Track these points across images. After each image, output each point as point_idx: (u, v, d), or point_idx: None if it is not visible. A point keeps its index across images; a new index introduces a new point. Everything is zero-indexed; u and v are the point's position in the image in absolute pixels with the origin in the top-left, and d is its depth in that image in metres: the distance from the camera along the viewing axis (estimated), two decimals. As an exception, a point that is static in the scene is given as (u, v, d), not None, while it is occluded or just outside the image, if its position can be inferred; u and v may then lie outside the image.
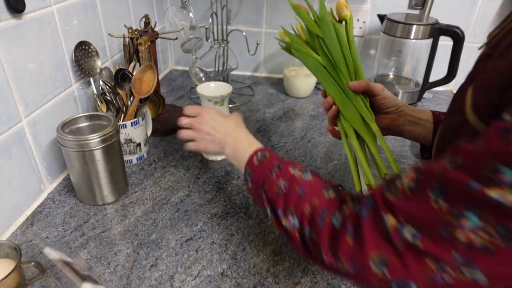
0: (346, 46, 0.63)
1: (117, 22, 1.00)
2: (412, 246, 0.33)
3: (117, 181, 0.76)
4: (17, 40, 0.66)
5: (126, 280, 0.60)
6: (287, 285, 0.60)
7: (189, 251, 0.66)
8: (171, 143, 0.96)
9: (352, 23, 0.65)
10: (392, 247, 0.35)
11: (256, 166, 0.55)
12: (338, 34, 0.63)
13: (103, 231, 0.69)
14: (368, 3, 1.23)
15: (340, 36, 0.63)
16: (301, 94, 1.24)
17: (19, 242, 0.66)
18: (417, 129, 0.67)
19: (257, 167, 0.55)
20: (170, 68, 1.45)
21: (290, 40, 0.68)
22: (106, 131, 0.70)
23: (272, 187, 0.51)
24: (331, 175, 0.86)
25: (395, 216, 0.35)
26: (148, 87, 0.86)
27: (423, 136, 0.67)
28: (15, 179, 0.69)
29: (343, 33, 0.63)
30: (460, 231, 0.31)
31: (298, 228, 0.46)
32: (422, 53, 1.17)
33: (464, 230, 0.30)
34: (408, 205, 0.35)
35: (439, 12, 1.18)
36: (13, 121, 0.67)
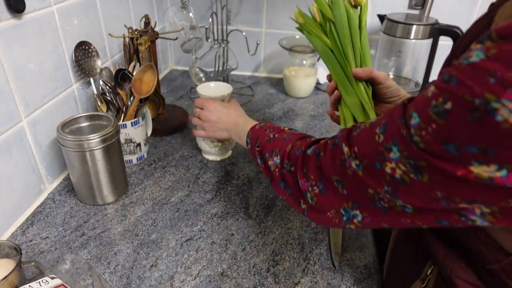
0: (356, 32, 0.62)
1: (117, 22, 1.00)
2: (356, 175, 0.40)
3: (117, 181, 0.76)
4: (17, 40, 0.66)
5: (126, 280, 0.60)
6: (287, 285, 0.60)
7: (189, 251, 0.66)
8: (171, 143, 0.96)
9: (367, 10, 0.64)
10: (345, 171, 0.41)
11: (256, 129, 0.65)
12: (350, 19, 0.62)
13: (103, 231, 0.69)
14: (368, 3, 1.23)
15: (351, 22, 0.62)
16: (301, 94, 1.24)
17: (19, 242, 0.66)
18: None
19: (257, 130, 0.64)
20: (170, 68, 1.45)
21: (303, 21, 0.68)
22: (106, 131, 0.70)
23: (264, 138, 0.60)
24: (331, 175, 0.86)
25: (350, 148, 0.41)
26: (148, 87, 0.86)
27: None
28: (15, 179, 0.69)
29: (356, 19, 0.62)
30: (388, 163, 0.35)
31: (279, 165, 0.53)
32: (422, 53, 1.17)
33: (391, 162, 0.35)
34: (361, 139, 0.40)
35: (439, 12, 1.18)
36: (13, 121, 0.67)
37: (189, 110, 1.13)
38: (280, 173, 0.53)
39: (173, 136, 0.99)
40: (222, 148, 0.88)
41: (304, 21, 0.68)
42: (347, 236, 0.70)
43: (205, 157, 0.90)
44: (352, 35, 0.62)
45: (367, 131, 0.40)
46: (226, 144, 0.88)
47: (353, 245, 0.68)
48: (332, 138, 0.46)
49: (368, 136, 0.39)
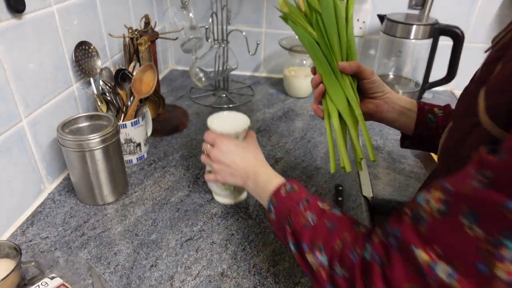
0: (342, 25, 0.60)
1: (117, 22, 1.00)
2: (445, 285, 0.30)
3: (117, 181, 0.76)
4: (18, 40, 0.66)
5: (126, 280, 0.60)
6: (287, 285, 0.60)
7: (189, 251, 0.66)
8: (171, 143, 0.96)
9: (354, 3, 0.62)
10: (425, 281, 0.32)
11: (283, 197, 0.52)
12: (337, 11, 0.60)
13: (103, 231, 0.69)
14: (368, 3, 1.23)
15: (338, 13, 0.60)
16: (301, 94, 1.24)
17: (19, 242, 0.66)
18: (400, 118, 0.67)
19: (284, 198, 0.52)
20: (170, 68, 1.45)
21: (288, 10, 0.65)
22: (106, 131, 0.70)
23: (299, 219, 0.48)
24: (331, 175, 0.86)
25: (427, 250, 0.32)
26: (148, 87, 0.86)
27: (405, 125, 0.67)
28: (15, 179, 0.69)
29: (343, 11, 0.61)
30: (500, 264, 0.27)
31: (327, 266, 0.42)
32: (422, 53, 1.17)
33: (505, 262, 0.27)
34: (440, 234, 0.32)
35: (439, 12, 1.18)
36: (14, 121, 0.67)
37: (189, 110, 1.13)
38: (328, 275, 0.42)
39: (173, 136, 0.99)
40: (235, 191, 0.75)
41: (289, 11, 0.64)
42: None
43: (216, 199, 0.77)
44: (338, 27, 0.60)
45: (443, 223, 0.32)
46: (240, 188, 0.75)
47: (353, 245, 0.68)
48: (385, 234, 0.38)
49: (451, 230, 0.31)
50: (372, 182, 0.85)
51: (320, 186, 0.82)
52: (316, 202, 0.50)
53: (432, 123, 0.66)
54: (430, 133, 0.66)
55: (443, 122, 0.65)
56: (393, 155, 0.95)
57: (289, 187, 0.53)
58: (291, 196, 0.52)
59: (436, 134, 0.65)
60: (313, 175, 0.86)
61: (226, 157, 0.63)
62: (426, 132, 0.66)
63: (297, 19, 0.64)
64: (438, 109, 0.67)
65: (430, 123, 0.66)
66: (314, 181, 0.84)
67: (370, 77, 0.63)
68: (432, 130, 0.66)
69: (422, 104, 0.67)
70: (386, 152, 0.95)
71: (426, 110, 0.67)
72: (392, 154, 0.95)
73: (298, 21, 0.64)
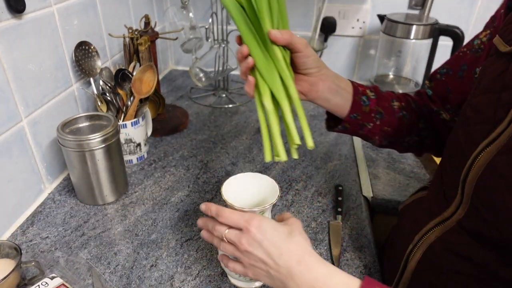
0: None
1: (117, 22, 1.00)
2: None
3: (117, 181, 0.76)
4: (18, 40, 0.66)
5: (126, 280, 0.60)
6: (287, 285, 0.60)
7: (189, 251, 0.66)
8: (171, 143, 0.97)
9: None
10: None
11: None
12: None
13: (103, 231, 0.69)
14: (368, 3, 1.23)
15: None
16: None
17: (19, 242, 0.66)
18: (335, 98, 0.60)
19: None
20: (170, 68, 1.45)
21: None
22: (106, 131, 0.70)
23: None
24: (331, 175, 0.86)
25: None
26: (148, 87, 0.86)
27: (338, 106, 0.61)
28: (15, 179, 0.69)
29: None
30: None
31: None
32: (422, 53, 1.17)
33: None
34: None
35: (439, 12, 1.18)
36: (14, 121, 0.67)
37: (189, 110, 1.13)
38: None
39: (173, 136, 0.99)
40: None
41: None
42: (347, 236, 0.70)
43: (232, 282, 0.61)
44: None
45: None
46: None
47: (353, 245, 0.68)
48: None
49: None
50: (372, 182, 0.85)
51: (320, 186, 0.82)
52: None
53: (366, 106, 0.61)
54: (363, 117, 0.61)
55: (375, 105, 0.61)
56: (393, 155, 0.95)
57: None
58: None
59: (368, 118, 0.61)
60: (313, 175, 0.86)
61: (261, 251, 0.45)
62: (360, 116, 0.61)
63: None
64: (370, 91, 0.62)
65: (364, 106, 0.60)
66: (314, 181, 0.84)
67: (303, 50, 0.54)
68: (365, 114, 0.61)
69: (356, 84, 0.61)
70: (386, 152, 0.95)
71: (360, 91, 0.61)
72: (392, 154, 0.95)
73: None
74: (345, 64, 1.36)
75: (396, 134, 0.64)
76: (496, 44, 0.46)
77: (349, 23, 1.27)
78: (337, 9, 1.25)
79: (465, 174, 0.44)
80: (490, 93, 0.44)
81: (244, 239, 0.46)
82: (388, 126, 0.62)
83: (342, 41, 1.31)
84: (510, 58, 0.43)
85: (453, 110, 0.62)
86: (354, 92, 0.61)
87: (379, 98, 0.62)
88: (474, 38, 0.58)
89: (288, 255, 0.44)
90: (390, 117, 0.62)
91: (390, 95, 0.65)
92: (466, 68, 0.57)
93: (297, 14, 1.26)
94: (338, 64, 1.36)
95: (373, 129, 0.62)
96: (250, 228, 0.46)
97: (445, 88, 0.62)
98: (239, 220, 0.47)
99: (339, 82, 0.60)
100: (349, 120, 0.61)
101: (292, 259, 0.44)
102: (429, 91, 0.66)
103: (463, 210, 0.46)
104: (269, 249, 0.45)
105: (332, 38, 1.30)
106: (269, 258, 0.45)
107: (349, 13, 1.25)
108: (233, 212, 0.48)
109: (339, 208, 0.75)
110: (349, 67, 1.36)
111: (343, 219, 0.74)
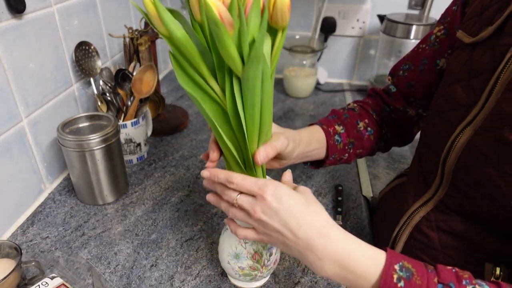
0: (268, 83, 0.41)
1: (118, 22, 1.00)
2: None
3: (117, 181, 0.76)
4: (18, 40, 0.66)
5: (126, 280, 0.60)
6: (287, 285, 0.60)
7: (189, 251, 0.66)
8: (171, 143, 0.97)
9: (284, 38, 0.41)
10: None
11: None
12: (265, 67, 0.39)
13: (104, 231, 0.69)
14: (368, 3, 1.23)
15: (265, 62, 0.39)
16: (301, 94, 1.24)
17: (19, 242, 0.66)
18: (309, 157, 0.61)
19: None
20: (170, 68, 1.45)
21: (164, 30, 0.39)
22: (107, 131, 0.70)
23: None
24: (331, 175, 0.86)
25: None
26: (148, 87, 0.86)
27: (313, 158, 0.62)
28: (15, 179, 0.69)
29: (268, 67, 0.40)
30: None
31: None
32: (422, 53, 1.17)
33: None
34: None
35: (439, 12, 1.18)
36: (14, 121, 0.67)
37: (189, 110, 1.13)
38: None
39: (173, 136, 1.00)
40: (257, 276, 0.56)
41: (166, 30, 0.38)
42: (347, 236, 0.70)
43: (231, 281, 0.60)
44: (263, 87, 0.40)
45: None
46: (263, 271, 0.55)
47: (353, 245, 0.68)
48: None
49: None
50: (372, 182, 0.85)
51: (320, 186, 0.82)
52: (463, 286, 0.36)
53: (340, 144, 0.63)
54: (339, 153, 0.64)
55: (346, 138, 0.64)
56: (393, 155, 0.95)
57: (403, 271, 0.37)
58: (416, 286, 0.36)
59: (343, 151, 0.64)
60: (313, 175, 0.86)
61: (275, 216, 0.42)
62: (337, 154, 0.63)
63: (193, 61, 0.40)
64: (338, 125, 0.64)
65: (338, 145, 0.63)
66: (314, 181, 0.84)
67: (284, 154, 0.52)
68: (340, 151, 0.64)
69: (326, 127, 0.62)
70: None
71: (331, 133, 0.62)
72: (392, 154, 0.95)
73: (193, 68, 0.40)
74: (345, 64, 1.36)
75: (368, 152, 0.69)
76: (460, 37, 0.52)
77: (349, 23, 1.27)
78: (337, 9, 1.25)
79: (444, 156, 0.49)
80: (460, 81, 0.49)
81: (259, 207, 0.43)
82: (360, 148, 0.67)
83: (342, 41, 1.31)
84: (472, 48, 0.49)
85: (417, 102, 0.66)
86: (327, 137, 0.62)
87: (347, 129, 0.65)
88: (430, 35, 0.63)
89: (307, 227, 0.41)
90: (360, 141, 0.66)
91: (353, 117, 0.67)
92: (427, 61, 0.62)
93: (297, 14, 1.26)
94: (338, 64, 1.36)
95: (348, 158, 0.66)
96: (265, 195, 0.42)
97: (406, 83, 0.65)
98: (253, 187, 0.43)
99: (309, 147, 0.59)
100: (329, 162, 0.64)
101: (312, 231, 0.41)
102: (393, 87, 0.69)
103: (443, 190, 0.51)
104: (286, 220, 0.42)
105: (332, 38, 1.31)
106: (286, 230, 0.42)
107: (349, 13, 1.25)
108: (245, 177, 0.44)
109: (339, 208, 0.75)
110: (349, 67, 1.36)
111: (343, 219, 0.74)
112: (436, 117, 0.53)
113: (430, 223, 0.53)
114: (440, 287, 0.36)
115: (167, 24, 0.37)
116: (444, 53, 0.59)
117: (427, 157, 0.56)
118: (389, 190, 0.72)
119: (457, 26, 0.56)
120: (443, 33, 0.60)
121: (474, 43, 0.49)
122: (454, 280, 0.36)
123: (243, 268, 0.54)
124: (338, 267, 0.40)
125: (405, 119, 0.68)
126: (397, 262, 0.38)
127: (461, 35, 0.52)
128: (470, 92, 0.47)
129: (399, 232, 0.57)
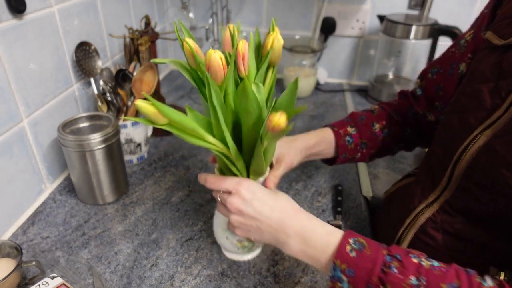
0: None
1: (118, 22, 1.01)
2: None
3: (118, 181, 0.76)
4: (18, 40, 0.66)
5: (127, 280, 0.60)
6: (287, 285, 0.60)
7: (189, 250, 0.66)
8: (171, 143, 0.97)
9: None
10: None
11: (354, 258, 0.41)
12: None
13: (104, 231, 0.69)
14: (368, 4, 1.23)
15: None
16: (301, 94, 1.24)
17: (20, 242, 0.66)
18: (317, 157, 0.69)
19: (358, 260, 0.41)
20: (170, 68, 1.45)
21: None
22: (107, 131, 0.70)
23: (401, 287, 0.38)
24: (331, 175, 0.86)
25: None
26: (149, 87, 0.86)
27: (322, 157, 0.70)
28: (16, 179, 0.69)
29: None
30: None
31: None
32: (422, 54, 1.17)
33: None
34: None
35: (439, 13, 1.19)
36: (14, 121, 0.68)
37: (189, 110, 1.13)
38: None
39: (173, 136, 1.00)
40: (254, 247, 0.62)
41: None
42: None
43: (227, 256, 0.65)
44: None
45: None
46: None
47: (353, 244, 0.68)
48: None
49: None
50: (372, 182, 0.85)
51: (320, 186, 0.82)
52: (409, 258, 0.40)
53: (351, 145, 0.68)
54: (351, 153, 0.69)
55: (358, 139, 0.69)
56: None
57: (356, 244, 0.42)
58: (366, 256, 0.40)
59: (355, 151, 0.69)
60: (313, 175, 0.86)
61: (250, 206, 0.48)
62: (348, 154, 0.69)
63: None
64: (350, 127, 0.69)
65: (349, 145, 0.68)
66: (314, 181, 0.84)
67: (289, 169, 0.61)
68: (351, 150, 0.69)
69: (337, 128, 0.68)
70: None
71: (341, 134, 0.68)
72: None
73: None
74: (345, 65, 1.36)
75: (382, 152, 0.71)
76: (490, 39, 0.50)
77: (349, 24, 1.27)
78: (336, 9, 1.25)
79: (458, 156, 0.48)
80: (487, 82, 0.47)
81: (235, 199, 0.49)
82: (374, 149, 0.70)
83: (341, 42, 1.31)
84: (505, 51, 0.47)
85: (442, 107, 0.65)
86: (337, 138, 0.68)
87: (360, 130, 0.68)
88: (460, 38, 0.62)
89: (279, 209, 0.48)
90: (373, 142, 0.69)
91: (369, 119, 0.70)
92: (455, 65, 0.61)
93: (297, 14, 1.26)
94: (338, 64, 1.36)
95: (361, 157, 0.71)
96: (240, 189, 0.49)
97: (435, 86, 0.65)
98: (229, 185, 0.50)
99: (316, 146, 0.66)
100: (340, 160, 0.70)
101: (283, 213, 0.48)
102: (418, 90, 0.69)
103: (450, 191, 0.51)
104: (260, 208, 0.48)
105: (332, 38, 1.31)
106: (260, 215, 0.48)
107: (349, 14, 1.25)
108: (224, 180, 0.51)
109: (339, 208, 0.75)
110: (348, 68, 1.36)
111: (343, 219, 0.74)
112: (455, 115, 0.52)
113: (435, 224, 0.53)
114: (388, 258, 0.40)
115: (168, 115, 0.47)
116: (465, 57, 0.58)
117: (440, 155, 0.55)
118: (396, 189, 0.72)
119: (483, 28, 0.55)
120: (472, 37, 0.59)
121: (507, 45, 0.47)
122: (402, 253, 0.40)
123: (241, 241, 0.59)
124: (303, 243, 0.46)
125: (424, 124, 0.68)
126: (352, 237, 0.43)
127: (491, 36, 0.50)
128: (495, 94, 0.46)
129: (404, 232, 0.57)
